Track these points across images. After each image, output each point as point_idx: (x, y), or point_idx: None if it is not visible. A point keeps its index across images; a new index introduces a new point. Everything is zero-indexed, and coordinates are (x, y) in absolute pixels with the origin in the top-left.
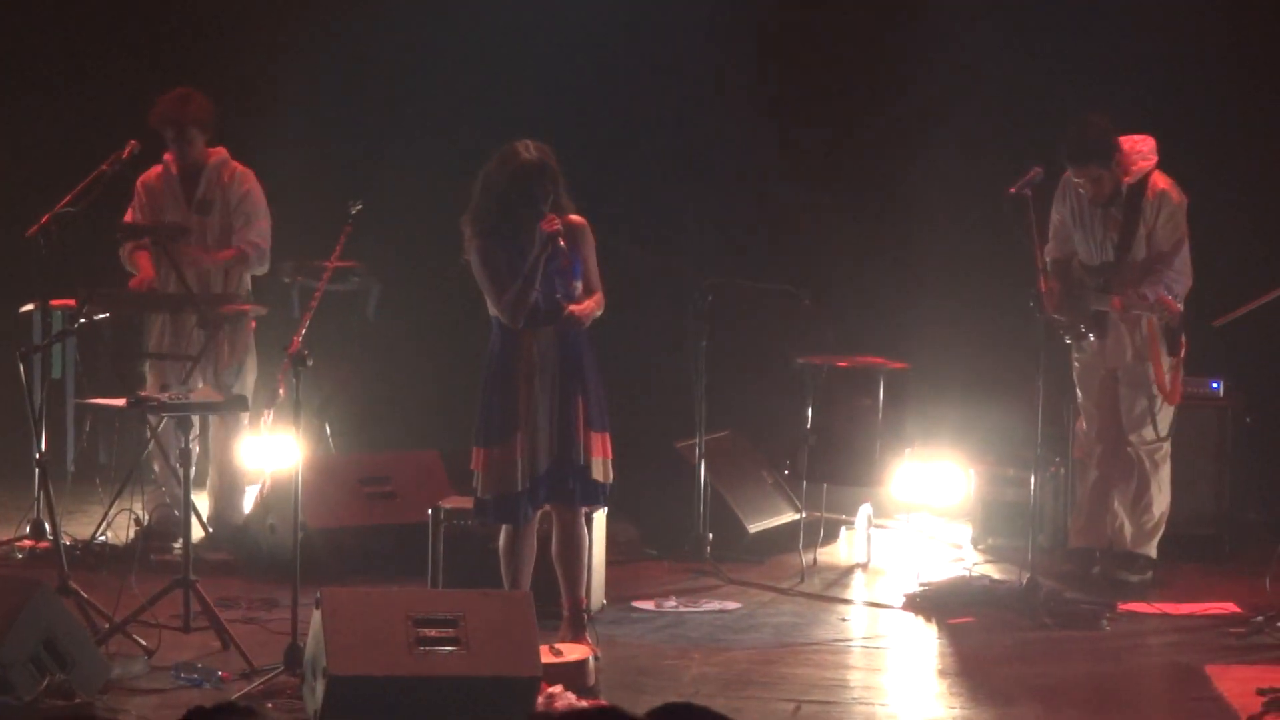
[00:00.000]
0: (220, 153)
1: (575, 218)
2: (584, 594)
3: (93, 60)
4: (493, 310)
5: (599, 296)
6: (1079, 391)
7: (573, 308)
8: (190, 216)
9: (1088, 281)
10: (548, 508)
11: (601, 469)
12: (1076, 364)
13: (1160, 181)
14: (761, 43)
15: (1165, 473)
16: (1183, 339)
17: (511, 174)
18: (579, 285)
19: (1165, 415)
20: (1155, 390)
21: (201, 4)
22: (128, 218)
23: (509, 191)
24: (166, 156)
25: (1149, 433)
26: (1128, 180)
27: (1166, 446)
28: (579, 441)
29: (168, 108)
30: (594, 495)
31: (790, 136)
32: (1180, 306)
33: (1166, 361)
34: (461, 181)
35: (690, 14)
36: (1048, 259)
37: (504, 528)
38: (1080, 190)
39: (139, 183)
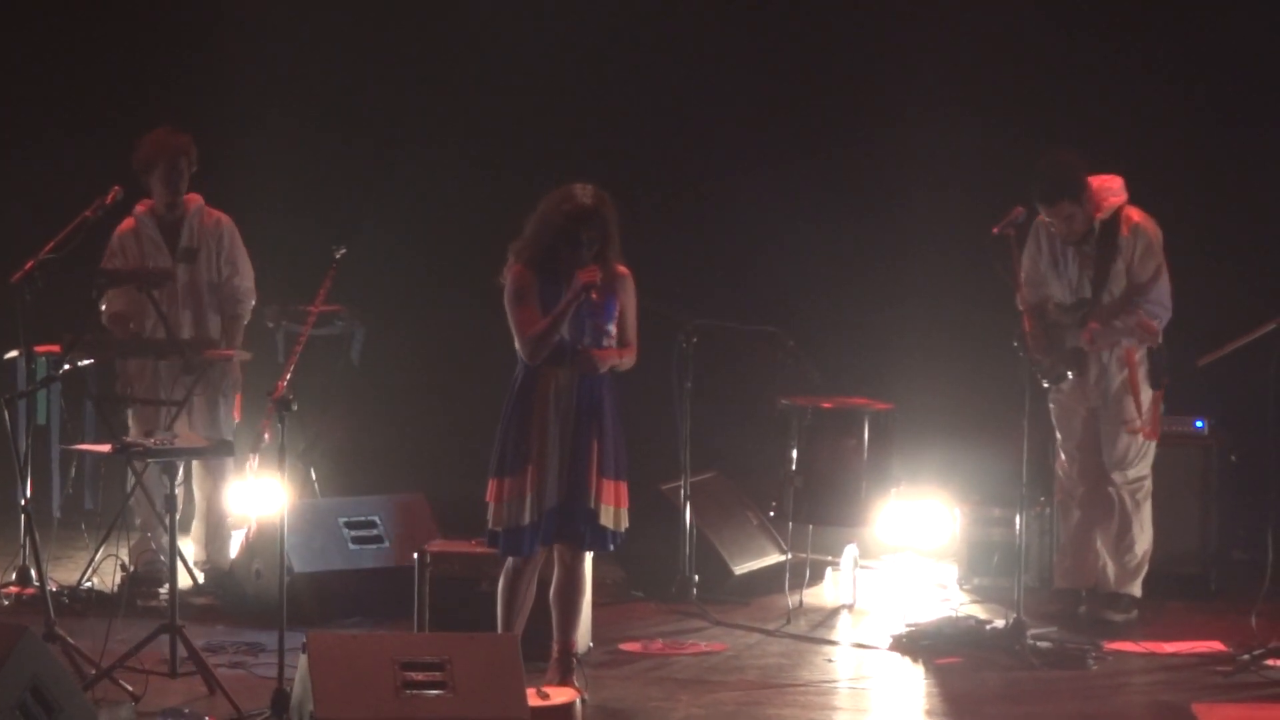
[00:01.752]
0: (196, 199)
1: (621, 268)
2: (573, 637)
3: (74, 107)
4: (518, 343)
5: (632, 350)
6: (1058, 434)
7: (592, 350)
8: (174, 266)
9: (1064, 320)
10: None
11: (612, 516)
12: (1053, 406)
13: (1134, 214)
14: (745, 83)
15: (1146, 511)
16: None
17: (566, 215)
18: (611, 330)
19: (1146, 451)
20: (1136, 425)
21: (183, 50)
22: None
23: (560, 231)
24: (139, 208)
25: (1131, 471)
26: (1099, 216)
27: (1147, 485)
28: (589, 486)
29: (158, 140)
30: (602, 541)
31: (774, 178)
32: (1158, 325)
33: (1147, 395)
34: (444, 225)
35: (673, 56)
36: (1021, 307)
37: (505, 566)
38: (1052, 230)
39: (115, 235)
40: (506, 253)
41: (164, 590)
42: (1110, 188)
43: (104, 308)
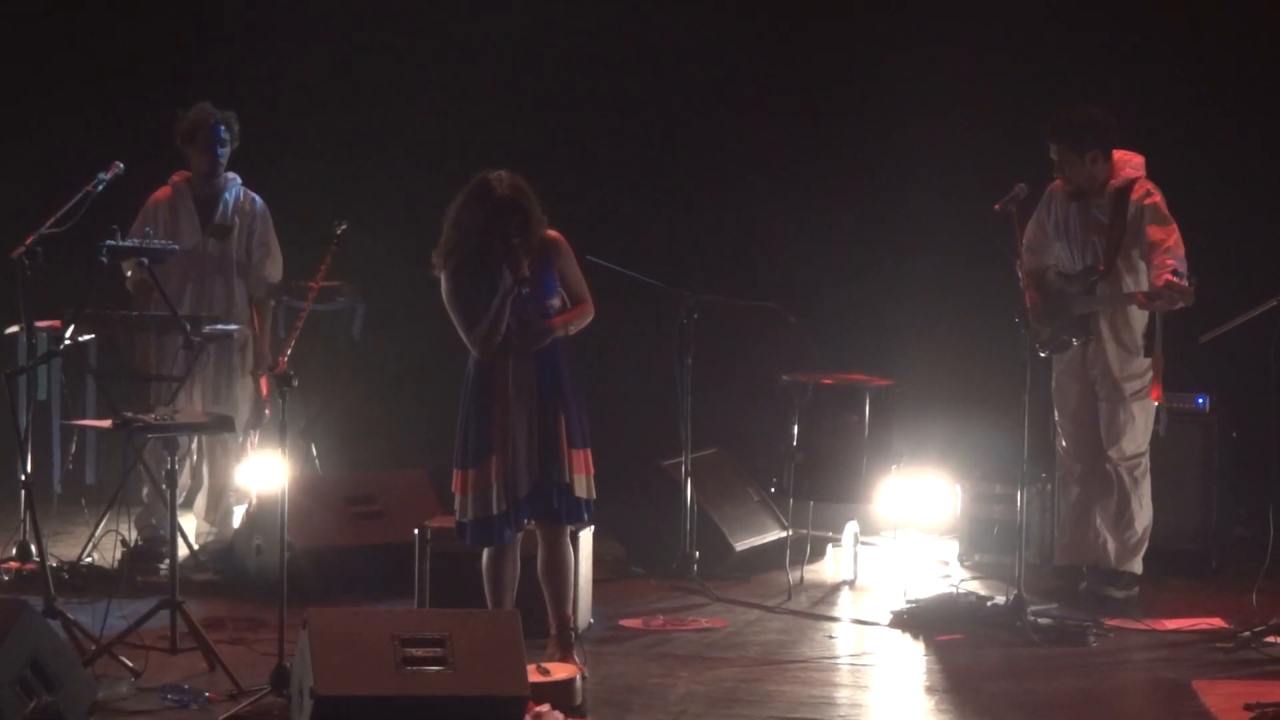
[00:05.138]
0: (236, 177)
1: (552, 233)
2: (571, 612)
3: (76, 81)
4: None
5: (587, 305)
6: (1056, 410)
7: (537, 321)
8: (204, 240)
9: (1068, 288)
10: (532, 526)
11: (584, 486)
12: (1053, 382)
13: (1144, 184)
14: (746, 61)
15: (1145, 488)
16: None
17: (488, 212)
18: (555, 304)
19: (1144, 427)
20: (1145, 397)
21: (187, 26)
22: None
23: (484, 230)
24: (176, 178)
25: (1129, 446)
26: (1114, 183)
27: (1145, 462)
28: (562, 460)
29: (201, 111)
30: (578, 512)
31: (775, 154)
32: (1187, 285)
33: (1145, 361)
34: (447, 200)
35: (676, 33)
36: (1022, 277)
37: (485, 552)
38: (1065, 194)
39: (149, 202)
40: (431, 259)
41: (164, 565)
42: (1131, 161)
43: (129, 275)
